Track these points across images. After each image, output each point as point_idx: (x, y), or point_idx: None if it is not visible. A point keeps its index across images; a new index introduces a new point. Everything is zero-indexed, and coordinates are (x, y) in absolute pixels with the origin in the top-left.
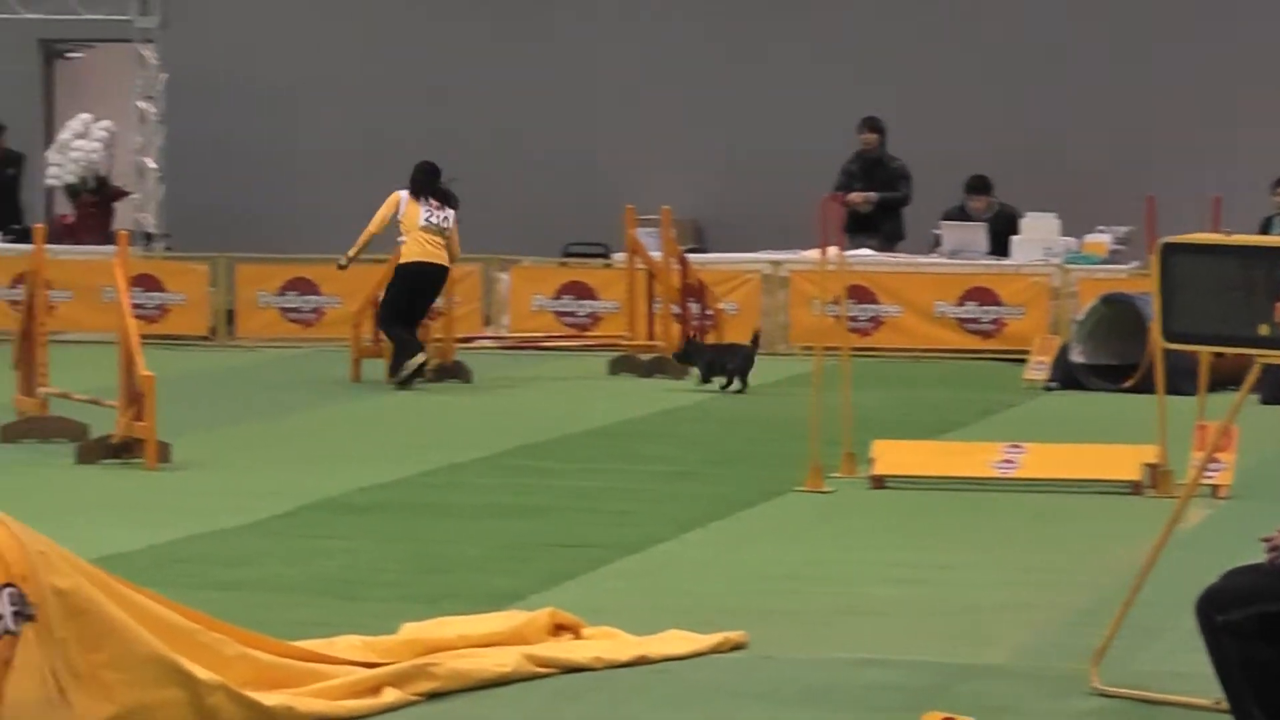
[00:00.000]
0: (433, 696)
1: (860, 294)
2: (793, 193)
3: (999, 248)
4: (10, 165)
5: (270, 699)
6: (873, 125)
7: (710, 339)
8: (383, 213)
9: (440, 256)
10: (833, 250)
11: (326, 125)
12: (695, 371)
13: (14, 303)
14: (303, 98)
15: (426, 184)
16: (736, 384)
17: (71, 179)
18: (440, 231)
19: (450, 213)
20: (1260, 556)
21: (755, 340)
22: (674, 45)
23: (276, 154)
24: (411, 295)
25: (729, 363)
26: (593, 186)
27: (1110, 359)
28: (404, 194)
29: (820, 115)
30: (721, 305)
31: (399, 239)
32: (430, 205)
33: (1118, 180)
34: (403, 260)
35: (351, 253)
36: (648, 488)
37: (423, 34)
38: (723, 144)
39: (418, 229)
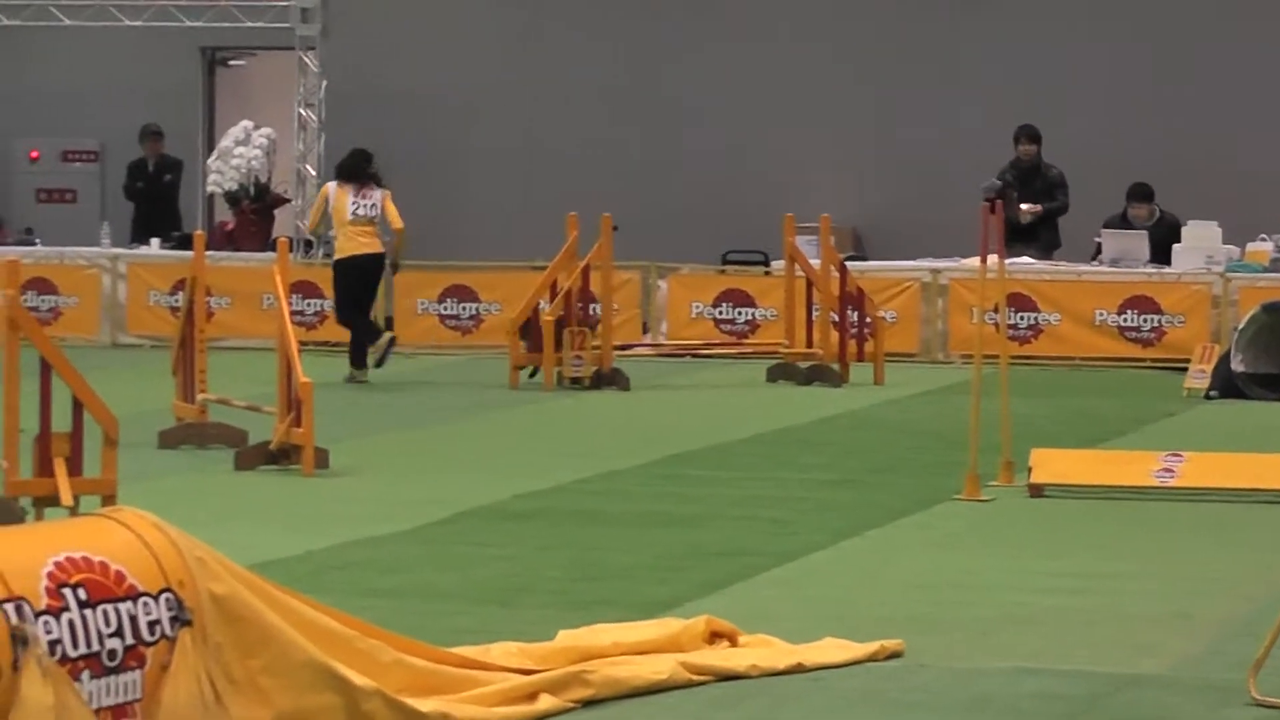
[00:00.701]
0: (588, 704)
1: (1020, 302)
2: (952, 200)
3: (1160, 256)
4: (169, 171)
5: (426, 705)
6: (1031, 135)
7: (871, 347)
8: (314, 210)
9: (371, 246)
10: (993, 258)
11: (486, 132)
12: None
13: (174, 309)
14: (462, 104)
15: (356, 171)
16: None
17: (232, 186)
18: (369, 221)
19: (376, 196)
20: None
21: None
22: (833, 52)
23: (436, 161)
24: (351, 289)
25: None
26: (752, 194)
27: (1271, 368)
28: (333, 186)
29: (982, 122)
30: (880, 313)
31: (331, 234)
32: (357, 195)
33: None
34: (337, 256)
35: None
36: (804, 495)
37: (583, 40)
38: (882, 151)
39: (346, 223)
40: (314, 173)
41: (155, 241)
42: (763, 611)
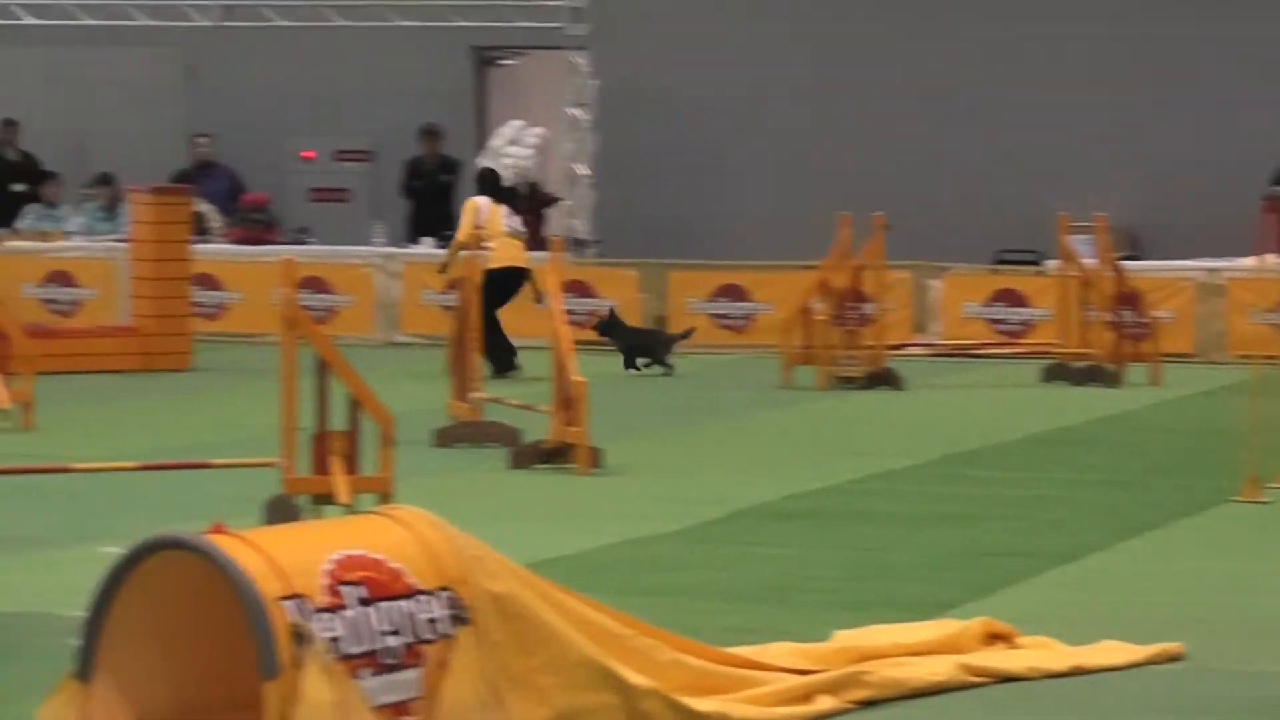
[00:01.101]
0: (866, 704)
1: None
2: (1229, 199)
3: None
4: (447, 172)
5: (703, 705)
6: None
7: (1147, 347)
8: (468, 221)
9: (523, 259)
10: (1270, 257)
11: (757, 131)
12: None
13: (447, 308)
14: (733, 103)
15: (498, 189)
16: (659, 367)
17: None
18: (519, 235)
19: (518, 218)
20: None
21: (686, 334)
22: (1109, 48)
23: (707, 160)
24: (495, 297)
25: (653, 346)
26: (1024, 192)
27: None
28: (482, 201)
29: (1262, 120)
30: (1156, 313)
31: (484, 245)
32: (507, 210)
33: None
34: (492, 265)
35: (447, 261)
36: (1081, 496)
37: (854, 38)
38: (1158, 149)
39: (502, 234)
40: (585, 172)
41: (428, 240)
42: (1040, 613)
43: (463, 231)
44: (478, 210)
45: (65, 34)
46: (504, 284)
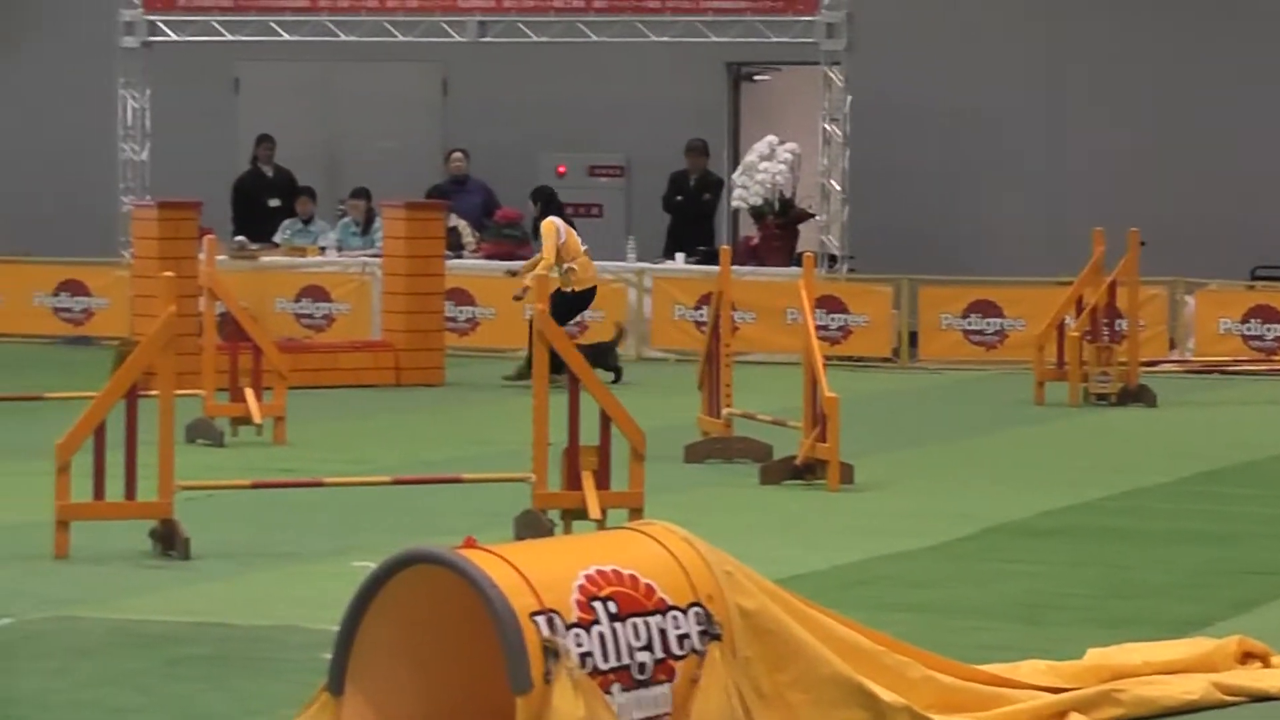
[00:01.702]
0: None
1: None
2: None
3: None
4: (709, 190)
5: None
6: None
7: None
8: (552, 243)
9: (596, 278)
10: None
11: (1011, 146)
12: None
13: (698, 323)
14: (987, 118)
15: (560, 207)
16: (611, 374)
17: (757, 201)
18: (588, 254)
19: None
20: None
21: (618, 336)
22: None
23: (961, 174)
24: (574, 315)
25: (603, 355)
26: None
27: None
28: (559, 221)
29: None
30: None
31: (567, 265)
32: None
33: None
34: (580, 286)
35: (527, 284)
36: None
37: (1105, 52)
38: None
39: (582, 253)
40: (838, 188)
41: (680, 256)
42: None
43: (549, 252)
44: (558, 230)
45: (322, 50)
46: (579, 304)
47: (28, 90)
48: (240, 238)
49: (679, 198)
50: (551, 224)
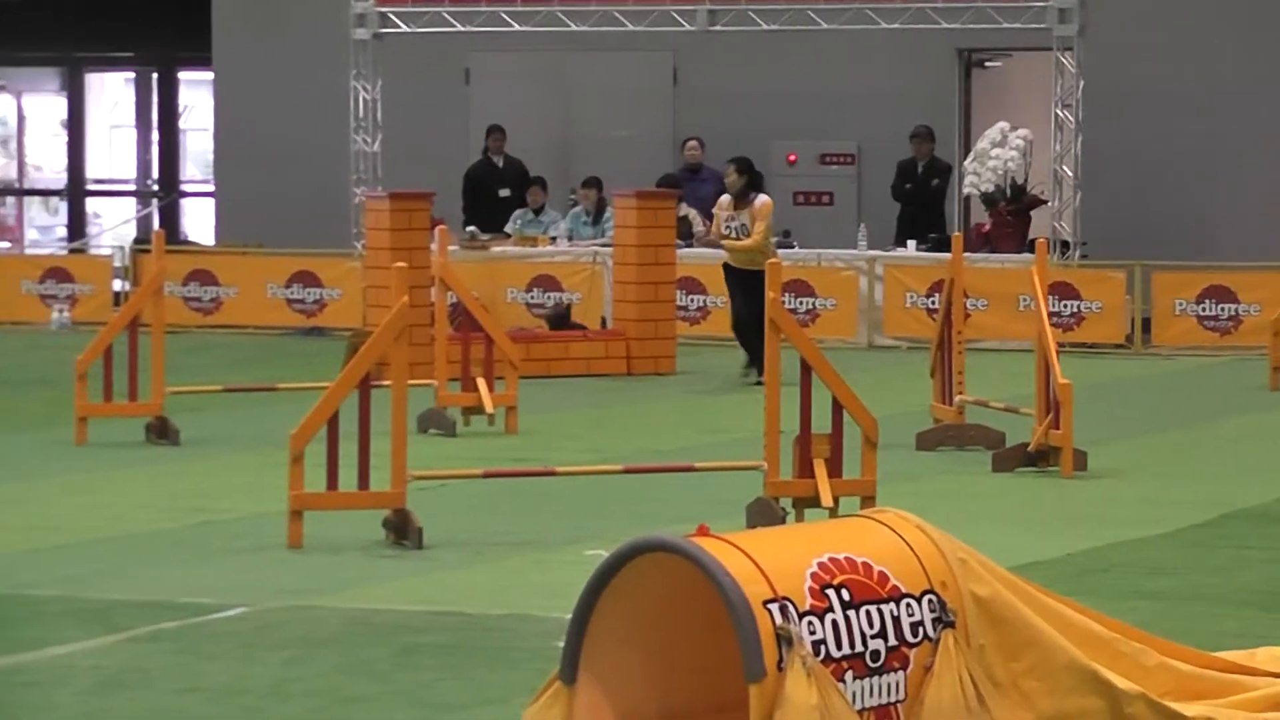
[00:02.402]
0: None
1: None
2: None
3: None
4: (938, 176)
5: (1191, 709)
6: None
7: None
8: (769, 224)
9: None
10: None
11: (1246, 129)
12: None
13: (930, 311)
14: (1221, 101)
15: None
16: None
17: (989, 187)
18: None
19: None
20: None
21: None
22: None
23: (1195, 160)
24: None
25: None
26: None
27: None
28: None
29: None
30: None
31: (773, 243)
32: None
33: None
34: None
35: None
36: None
37: None
38: None
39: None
40: (1070, 173)
41: (911, 244)
42: None
43: (765, 234)
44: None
45: (552, 40)
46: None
47: (260, 82)
48: (471, 228)
49: (907, 185)
50: (771, 204)
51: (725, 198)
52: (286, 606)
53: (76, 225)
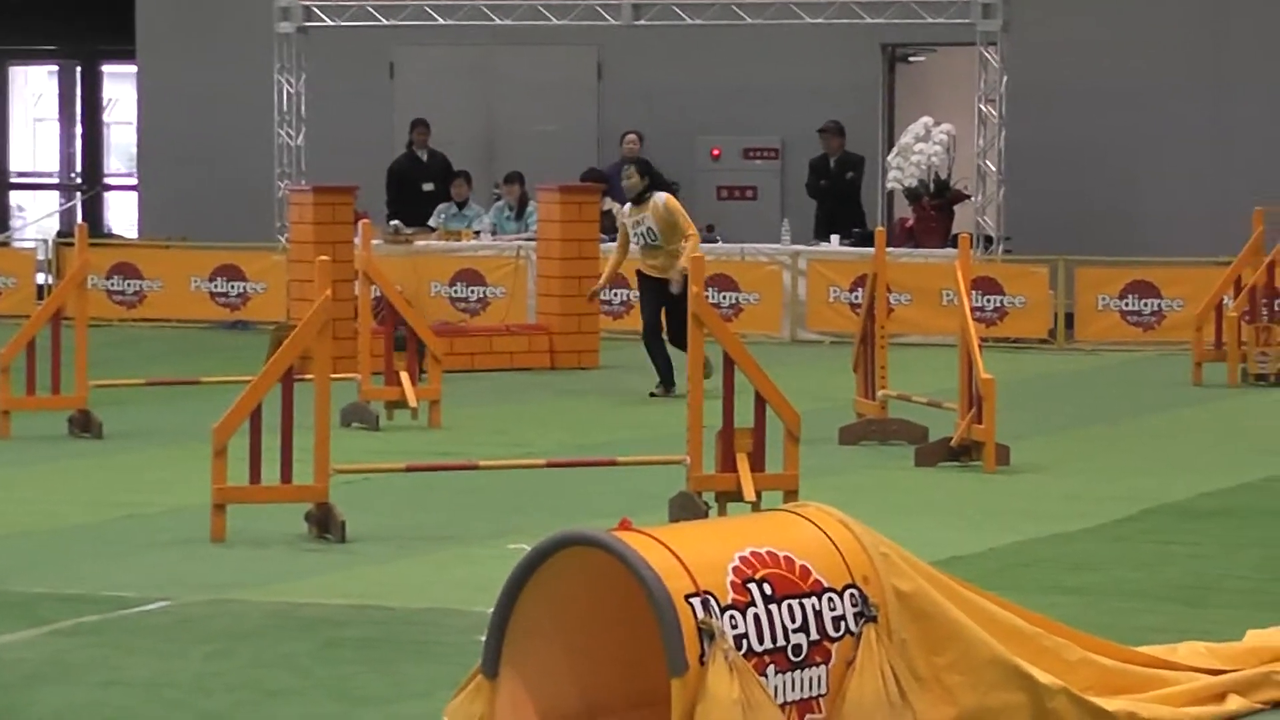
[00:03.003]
0: (1278, 705)
1: None
2: None
3: None
4: (851, 169)
5: (1112, 704)
6: None
7: None
8: (688, 219)
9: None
10: None
11: (1167, 125)
12: None
13: (854, 305)
14: (1144, 98)
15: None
16: None
17: (912, 182)
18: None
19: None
20: None
21: None
22: None
23: (1118, 155)
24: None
25: None
26: None
27: None
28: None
29: None
30: None
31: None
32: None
33: None
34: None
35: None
36: None
37: (1258, 28)
38: None
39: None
40: (994, 168)
41: (835, 238)
42: None
43: (691, 228)
44: None
45: (477, 34)
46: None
47: (184, 75)
48: (395, 222)
49: (822, 182)
50: (677, 201)
51: (626, 205)
52: (209, 600)
53: None
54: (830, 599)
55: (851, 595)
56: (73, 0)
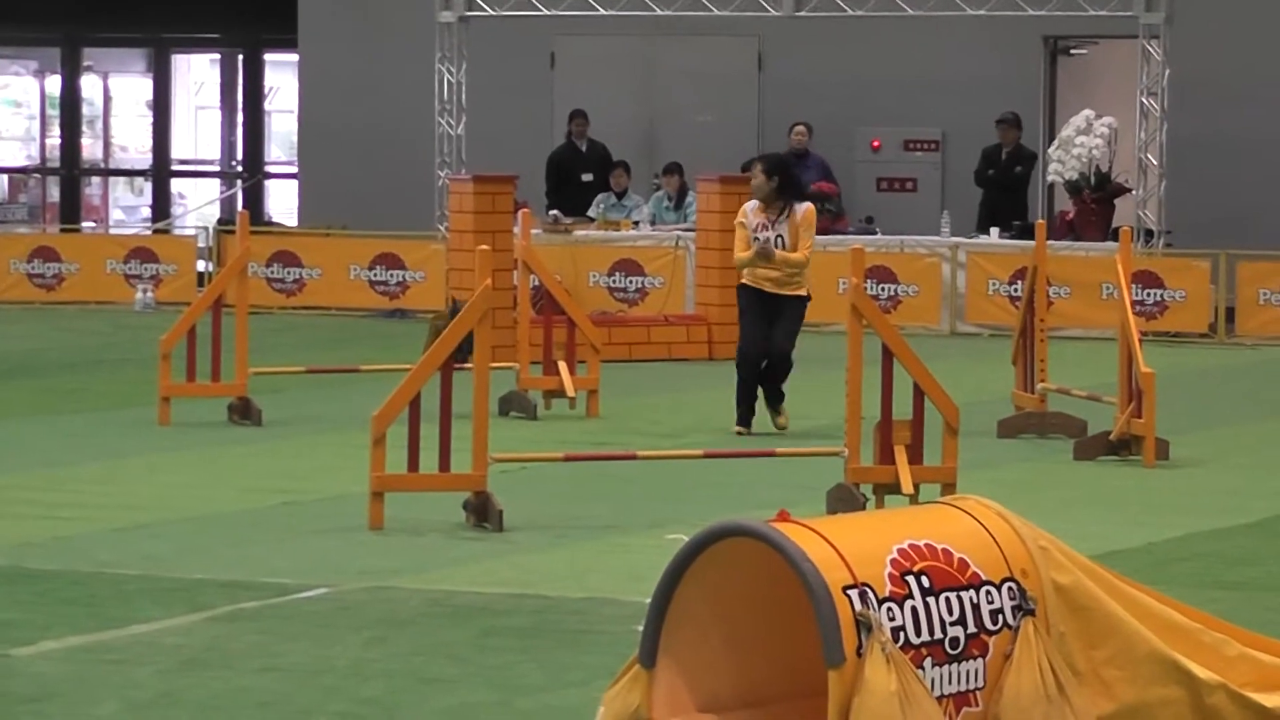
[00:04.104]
0: None
1: None
2: None
3: None
4: (1021, 163)
5: (1272, 700)
6: None
7: None
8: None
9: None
10: None
11: None
12: None
13: (1013, 298)
14: None
15: None
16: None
17: (1073, 175)
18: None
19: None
20: None
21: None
22: None
23: (1279, 149)
24: None
25: None
26: None
27: None
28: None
29: None
30: None
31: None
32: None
33: None
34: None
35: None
36: None
37: None
38: None
39: None
40: (1155, 162)
41: (994, 231)
42: None
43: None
44: None
45: (638, 25)
46: None
47: (345, 64)
48: (554, 211)
49: (990, 171)
50: (815, 212)
51: (750, 204)
52: (367, 587)
53: (161, 206)
54: (988, 592)
55: (1010, 588)
56: None
